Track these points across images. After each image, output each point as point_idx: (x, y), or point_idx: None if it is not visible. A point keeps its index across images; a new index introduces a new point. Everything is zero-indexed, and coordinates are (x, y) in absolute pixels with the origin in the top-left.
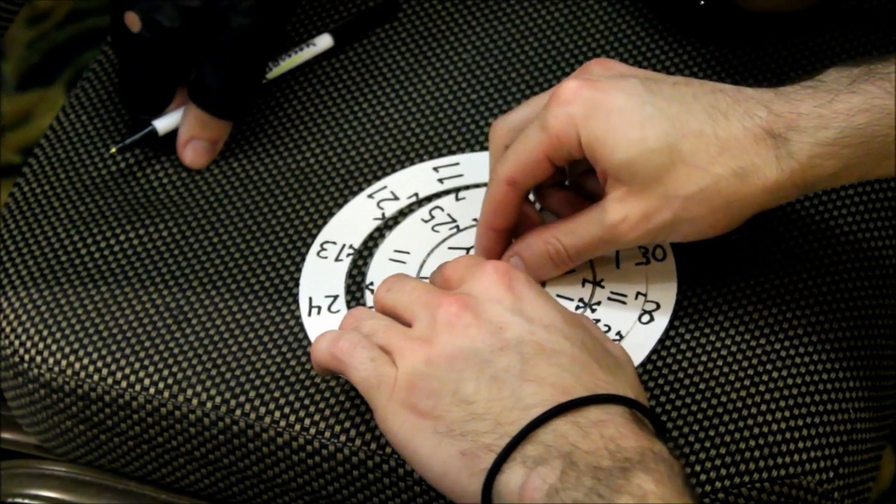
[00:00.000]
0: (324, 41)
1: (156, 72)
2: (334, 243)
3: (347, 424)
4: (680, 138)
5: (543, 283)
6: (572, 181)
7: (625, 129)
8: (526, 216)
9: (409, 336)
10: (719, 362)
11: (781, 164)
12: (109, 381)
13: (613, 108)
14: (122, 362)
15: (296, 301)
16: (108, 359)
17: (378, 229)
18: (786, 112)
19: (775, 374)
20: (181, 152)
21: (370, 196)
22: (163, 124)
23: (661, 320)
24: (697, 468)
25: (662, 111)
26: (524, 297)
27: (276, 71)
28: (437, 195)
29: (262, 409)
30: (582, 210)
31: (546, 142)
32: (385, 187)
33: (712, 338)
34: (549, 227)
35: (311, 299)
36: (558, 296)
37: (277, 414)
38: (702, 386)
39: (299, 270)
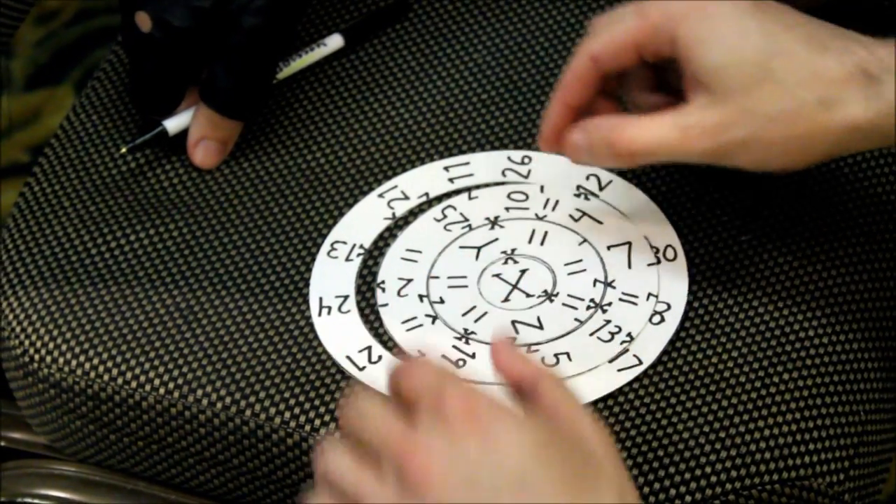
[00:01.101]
0: (334, 41)
1: (166, 72)
2: (345, 243)
3: None
4: (774, 55)
5: (555, 283)
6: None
7: (723, 35)
8: (604, 105)
9: (378, 495)
10: (730, 363)
11: (869, 103)
12: (119, 381)
13: (716, 13)
14: (132, 362)
15: (306, 301)
16: (119, 359)
17: (388, 229)
18: (885, 56)
19: (786, 376)
20: (192, 152)
21: (381, 196)
22: (173, 124)
23: (672, 321)
24: (708, 469)
25: (763, 26)
26: (490, 437)
27: (286, 71)
28: (448, 195)
29: (272, 410)
30: (654, 112)
31: (640, 28)
32: (395, 187)
33: (723, 339)
34: (622, 115)
35: (321, 299)
36: (569, 295)
37: (287, 414)
38: (712, 387)
39: (309, 270)
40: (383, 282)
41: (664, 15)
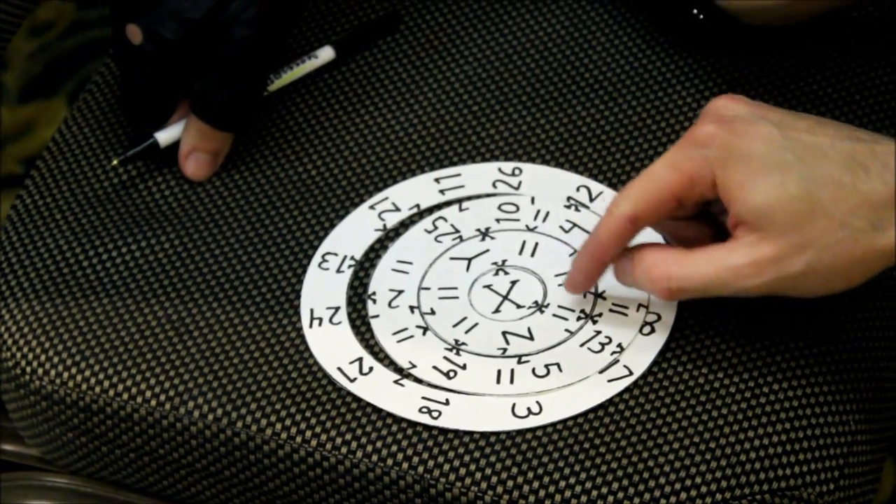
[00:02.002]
0: (326, 53)
1: (157, 84)
2: (336, 254)
3: (348, 437)
4: (820, 187)
5: (546, 294)
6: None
7: (764, 175)
8: None
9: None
10: (720, 374)
11: None
12: (111, 392)
13: (753, 153)
14: (124, 374)
15: (297, 313)
16: (110, 371)
17: (379, 240)
18: None
19: (776, 387)
20: (183, 164)
21: (372, 207)
22: (164, 136)
23: (663, 332)
24: (698, 480)
25: (802, 159)
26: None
27: (277, 83)
28: (439, 206)
29: (263, 422)
30: (700, 248)
31: (678, 182)
32: (387, 198)
33: (713, 349)
34: (665, 252)
35: (312, 311)
36: (559, 306)
37: (278, 426)
38: (703, 398)
39: (301, 282)
40: (374, 293)
41: (702, 165)
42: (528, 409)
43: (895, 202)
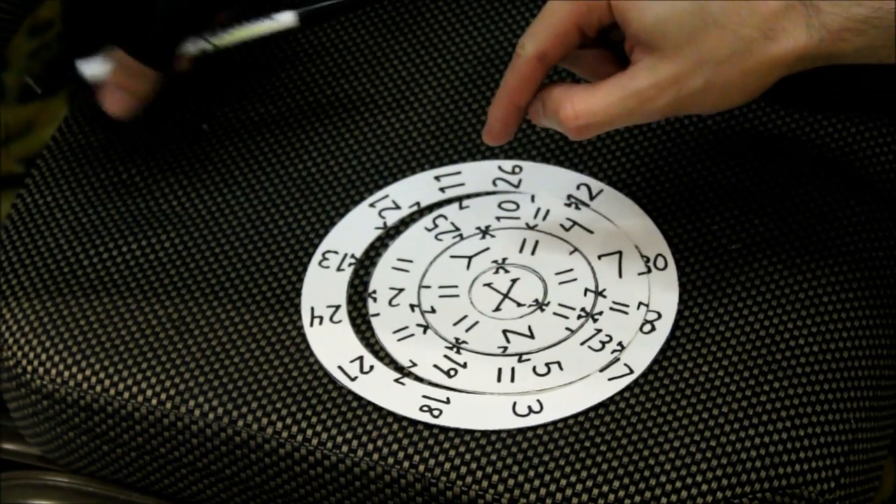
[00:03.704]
0: (286, 18)
1: (92, 19)
2: (336, 252)
3: (349, 435)
4: (709, 1)
5: (546, 292)
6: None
7: None
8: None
9: None
10: (720, 372)
11: (812, 31)
12: (112, 392)
13: None
14: (125, 373)
15: (297, 311)
16: (111, 370)
17: (380, 238)
18: None
19: (776, 385)
20: (104, 99)
21: (372, 205)
22: (90, 69)
23: (663, 330)
24: (699, 478)
25: None
26: None
27: (230, 38)
28: (439, 204)
29: (264, 420)
30: (601, 82)
31: (576, 10)
32: (387, 196)
33: (714, 348)
34: (570, 89)
35: (313, 309)
36: (560, 304)
37: (279, 425)
38: (703, 396)
39: (301, 280)
40: (374, 291)
41: None
42: (529, 407)
43: (785, 11)
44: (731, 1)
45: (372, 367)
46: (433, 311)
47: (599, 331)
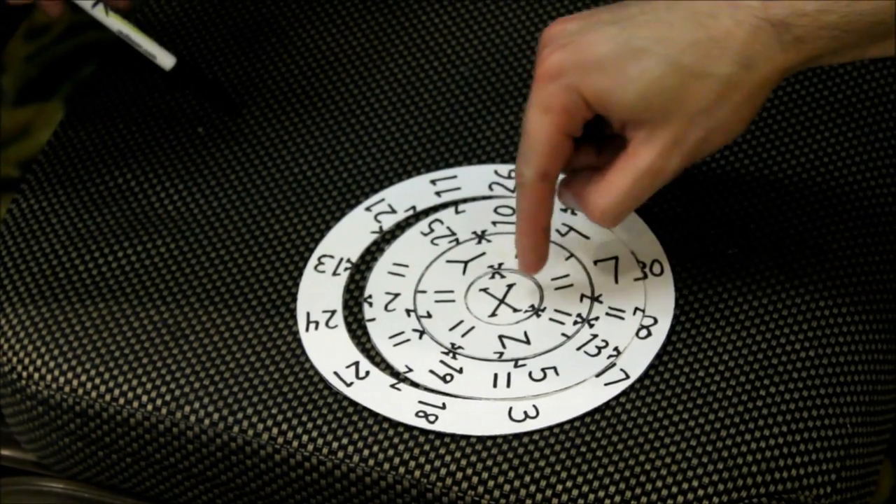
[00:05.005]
0: (165, 59)
1: None
2: (332, 257)
3: (345, 441)
4: (679, 54)
5: (542, 297)
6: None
7: (623, 71)
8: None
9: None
10: (717, 377)
11: (787, 48)
12: (107, 397)
13: (605, 58)
14: (120, 379)
15: (293, 316)
16: (106, 375)
17: (376, 243)
18: None
19: (773, 390)
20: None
21: (368, 209)
22: None
23: (659, 335)
24: (695, 483)
25: (650, 39)
26: None
27: (114, 21)
28: (435, 208)
29: (260, 426)
30: (610, 166)
31: (558, 121)
32: (383, 200)
33: (710, 353)
34: (583, 190)
35: (308, 314)
36: (556, 310)
37: (275, 430)
38: (699, 401)
39: (296, 285)
40: (370, 296)
41: (567, 94)
42: (525, 412)
43: (755, 37)
44: (699, 45)
45: (367, 373)
46: (429, 316)
47: (595, 336)
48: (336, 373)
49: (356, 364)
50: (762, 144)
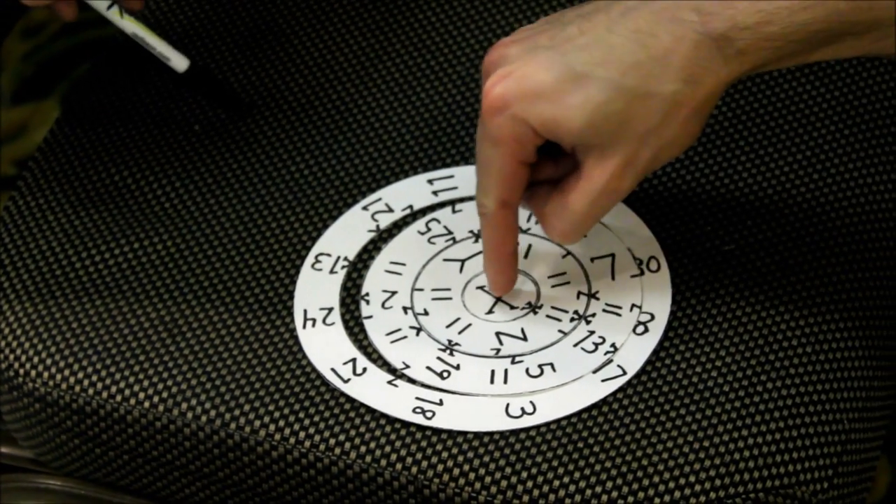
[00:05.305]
0: (179, 61)
1: None
2: (329, 255)
3: (342, 438)
4: (621, 77)
5: (539, 295)
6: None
7: (566, 99)
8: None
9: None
10: (714, 373)
11: (729, 61)
12: (104, 394)
13: (544, 86)
14: (117, 376)
15: (290, 314)
16: (103, 372)
17: (372, 241)
18: (719, 10)
19: (769, 385)
20: None
21: (365, 208)
22: None
23: (656, 332)
24: (692, 479)
25: (590, 63)
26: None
27: (128, 24)
28: (432, 207)
29: (257, 423)
30: (566, 186)
31: (510, 152)
32: (380, 199)
33: (707, 349)
34: (542, 210)
35: (305, 311)
36: (553, 307)
37: (272, 427)
38: (696, 397)
39: (294, 282)
40: (367, 294)
41: (513, 126)
42: (522, 409)
43: (696, 53)
44: (641, 66)
45: (365, 370)
46: (426, 313)
47: (592, 332)
48: (333, 369)
49: (353, 361)
50: (759, 142)
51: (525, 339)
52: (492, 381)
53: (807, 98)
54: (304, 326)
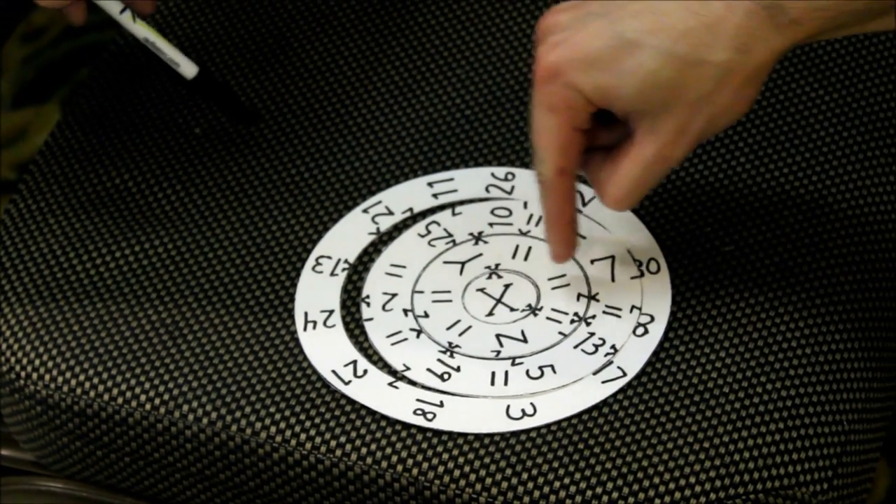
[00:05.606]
0: (188, 67)
1: None
2: (329, 258)
3: (343, 439)
4: (673, 45)
5: (539, 297)
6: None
7: (618, 66)
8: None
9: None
10: (713, 374)
11: (783, 30)
12: (105, 397)
13: (597, 55)
14: (118, 378)
15: (291, 316)
16: (104, 375)
17: (373, 244)
18: None
19: (769, 386)
20: None
21: (365, 211)
22: None
23: (656, 333)
24: (692, 480)
25: (642, 30)
26: None
27: (140, 28)
28: (432, 210)
29: (258, 425)
30: (619, 153)
31: (565, 119)
32: (380, 202)
33: (706, 350)
34: (597, 178)
35: (306, 314)
36: (553, 309)
37: (273, 429)
38: (696, 398)
39: (294, 285)
40: (368, 296)
41: (568, 93)
42: (523, 410)
43: (749, 22)
44: (692, 33)
45: (365, 371)
46: (426, 315)
47: (592, 334)
48: (334, 371)
49: (354, 363)
50: (758, 142)
51: (525, 340)
52: (492, 383)
53: (806, 98)
54: (305, 329)
